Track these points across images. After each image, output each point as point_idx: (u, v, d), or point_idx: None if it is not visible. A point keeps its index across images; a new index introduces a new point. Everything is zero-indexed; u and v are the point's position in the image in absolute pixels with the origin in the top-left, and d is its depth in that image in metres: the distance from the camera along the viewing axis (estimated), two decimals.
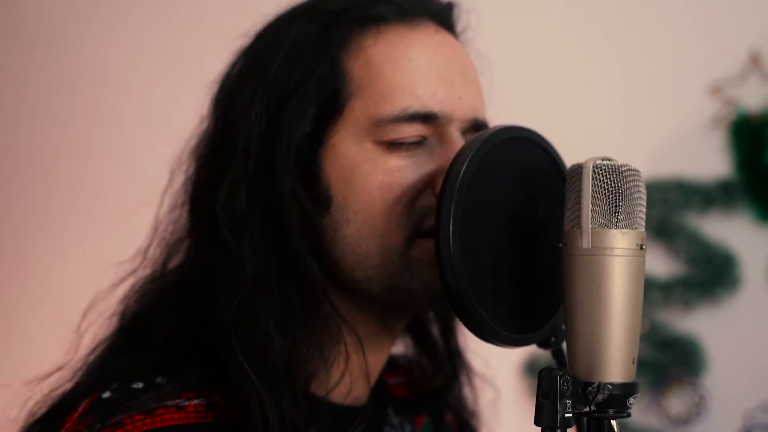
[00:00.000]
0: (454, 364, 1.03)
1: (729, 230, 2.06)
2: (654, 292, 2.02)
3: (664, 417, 2.03)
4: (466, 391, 1.07)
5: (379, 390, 0.96)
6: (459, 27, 0.93)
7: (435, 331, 1.03)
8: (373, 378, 0.92)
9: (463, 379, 1.05)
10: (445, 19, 0.90)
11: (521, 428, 1.99)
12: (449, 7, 0.91)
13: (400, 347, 1.04)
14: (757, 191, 2.02)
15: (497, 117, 0.94)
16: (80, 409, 0.80)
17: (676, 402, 2.05)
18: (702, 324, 2.07)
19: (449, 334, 1.02)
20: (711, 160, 2.07)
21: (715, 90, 2.04)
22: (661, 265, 2.06)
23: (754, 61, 1.99)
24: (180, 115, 1.01)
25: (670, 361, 2.05)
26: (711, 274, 2.04)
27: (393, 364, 1.03)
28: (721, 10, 2.06)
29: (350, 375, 0.87)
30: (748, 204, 2.03)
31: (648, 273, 1.99)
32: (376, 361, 0.92)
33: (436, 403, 1.07)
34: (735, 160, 2.04)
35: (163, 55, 2.37)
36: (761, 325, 2.04)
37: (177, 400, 0.80)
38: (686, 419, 2.03)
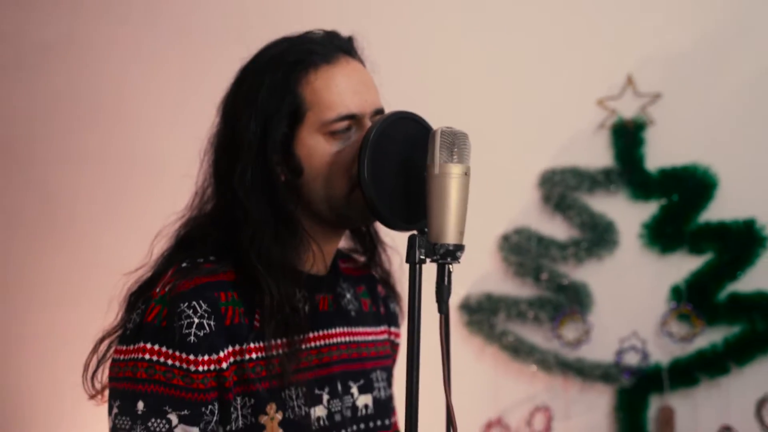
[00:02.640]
0: (373, 244, 1.57)
1: (610, 205, 2.55)
2: (554, 250, 2.56)
3: (560, 342, 2.56)
4: (384, 259, 1.59)
5: (335, 269, 1.51)
6: (359, 48, 1.44)
7: (362, 228, 1.56)
8: (329, 259, 1.46)
9: (381, 253, 1.58)
10: (350, 50, 1.42)
11: (459, 354, 2.56)
12: (350, 40, 1.43)
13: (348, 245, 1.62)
14: (630, 177, 2.53)
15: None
16: (169, 273, 1.34)
17: (569, 331, 2.56)
18: (589, 274, 2.57)
19: (368, 226, 1.55)
20: (597, 154, 2.57)
21: (601, 103, 2.57)
22: (559, 230, 2.59)
23: (629, 82, 2.55)
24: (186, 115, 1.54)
25: (565, 301, 2.56)
26: (596, 238, 2.55)
27: (343, 255, 1.58)
28: (606, 45, 2.59)
29: (316, 260, 1.41)
30: (624, 186, 2.55)
31: (550, 236, 2.60)
32: (330, 250, 1.46)
33: (370, 279, 1.61)
34: (615, 154, 2.55)
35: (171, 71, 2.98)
36: (633, 276, 2.55)
37: (222, 270, 1.33)
38: (576, 344, 2.55)
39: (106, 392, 1.34)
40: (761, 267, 2.48)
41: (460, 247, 1.27)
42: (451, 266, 1.29)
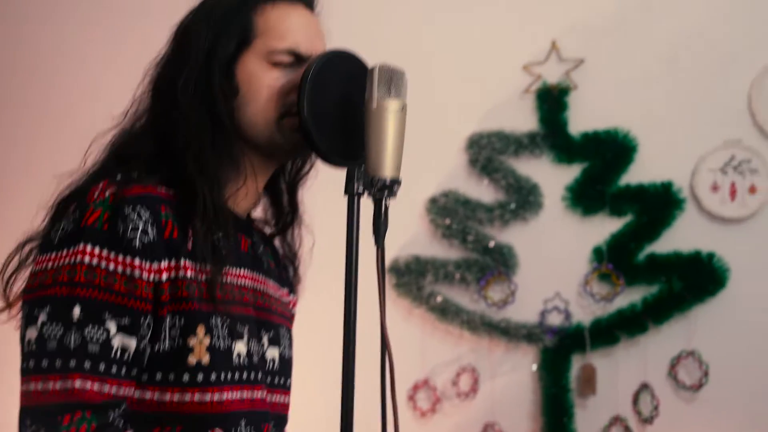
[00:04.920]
0: (292, 215, 1.56)
1: (535, 168, 2.64)
2: (481, 213, 2.62)
3: (486, 303, 2.62)
4: (296, 236, 1.58)
5: (249, 218, 1.51)
6: (317, 8, 1.48)
7: (285, 197, 1.55)
8: (253, 198, 1.45)
9: (295, 229, 1.57)
10: (309, 3, 1.47)
11: (387, 316, 2.58)
12: None
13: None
14: (554, 141, 2.62)
15: None
16: (102, 185, 1.31)
17: (495, 292, 2.63)
18: (515, 236, 2.65)
19: (293, 195, 1.55)
20: (523, 118, 2.65)
21: (527, 68, 2.66)
22: (486, 193, 2.65)
23: (554, 48, 2.63)
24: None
25: (491, 263, 2.62)
26: (521, 200, 2.62)
27: (253, 221, 1.56)
28: (532, 12, 2.68)
29: (239, 196, 1.41)
30: (547, 150, 2.63)
31: (476, 198, 2.65)
32: (257, 188, 1.46)
33: (274, 245, 1.59)
34: (539, 118, 2.64)
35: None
36: (557, 237, 2.64)
37: (155, 184, 1.33)
38: (502, 305, 2.62)
39: (18, 305, 1.29)
40: (678, 228, 2.59)
41: (397, 181, 1.31)
42: (387, 201, 1.32)
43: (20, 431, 1.22)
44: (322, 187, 1.56)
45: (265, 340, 1.44)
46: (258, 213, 1.57)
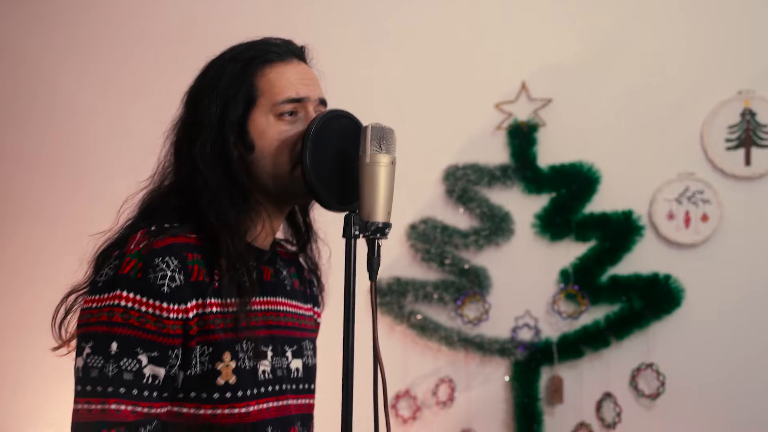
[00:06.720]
0: (308, 233, 1.74)
1: (507, 198, 2.83)
2: (457, 238, 2.81)
3: (462, 320, 2.81)
4: (315, 250, 1.76)
5: (274, 247, 1.67)
6: (309, 57, 1.65)
7: (299, 218, 1.74)
8: (273, 235, 1.63)
9: (313, 244, 1.76)
10: (301, 55, 1.63)
11: (371, 333, 2.75)
12: (303, 48, 1.65)
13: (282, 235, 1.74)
14: (524, 173, 2.81)
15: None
16: (139, 235, 1.49)
17: (470, 310, 2.81)
18: (489, 259, 2.83)
19: (305, 216, 1.74)
20: (496, 152, 2.84)
21: (498, 107, 2.84)
22: (462, 220, 2.84)
23: (523, 88, 2.82)
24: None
25: (467, 284, 2.81)
26: (495, 227, 2.81)
27: (275, 240, 1.71)
28: (504, 55, 2.87)
29: (263, 233, 1.59)
30: (518, 181, 2.82)
31: (453, 225, 2.83)
32: (275, 226, 1.64)
33: (298, 263, 1.78)
34: (510, 153, 2.82)
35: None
36: (526, 261, 2.83)
37: (186, 233, 1.51)
38: (476, 322, 2.81)
39: (72, 343, 1.49)
40: (637, 252, 2.79)
41: (388, 225, 1.47)
42: (379, 241, 1.49)
43: None
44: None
45: (289, 354, 1.62)
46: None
